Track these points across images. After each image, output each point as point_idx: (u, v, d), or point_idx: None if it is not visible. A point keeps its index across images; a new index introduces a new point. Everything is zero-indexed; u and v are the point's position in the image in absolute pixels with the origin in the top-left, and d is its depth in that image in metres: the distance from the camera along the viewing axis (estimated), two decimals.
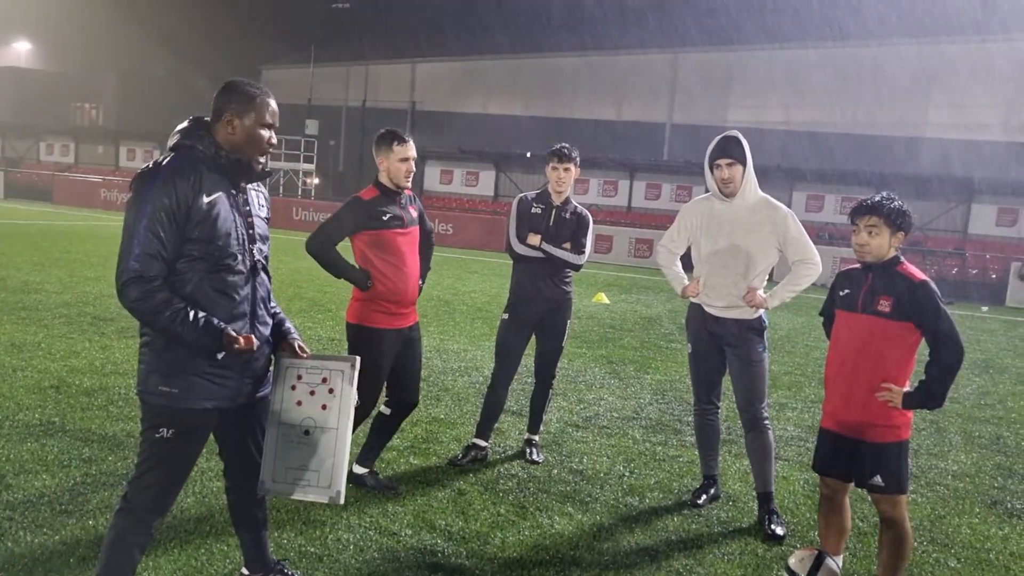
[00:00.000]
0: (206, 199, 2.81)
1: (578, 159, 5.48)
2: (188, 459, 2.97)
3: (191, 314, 2.74)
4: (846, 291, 3.78)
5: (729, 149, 4.64)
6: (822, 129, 34.60)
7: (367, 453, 4.88)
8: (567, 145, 5.48)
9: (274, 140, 2.99)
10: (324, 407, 3.06)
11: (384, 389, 4.81)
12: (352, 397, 3.05)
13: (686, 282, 4.93)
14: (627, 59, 40.51)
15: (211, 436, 3.08)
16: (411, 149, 4.61)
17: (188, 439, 2.91)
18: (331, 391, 3.06)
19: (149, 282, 2.71)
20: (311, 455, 3.06)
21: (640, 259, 26.27)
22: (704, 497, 5.00)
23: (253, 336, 2.87)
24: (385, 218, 4.55)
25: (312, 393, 3.07)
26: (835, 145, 32.66)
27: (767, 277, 4.77)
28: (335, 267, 4.59)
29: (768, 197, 4.76)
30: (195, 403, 2.86)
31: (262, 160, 2.97)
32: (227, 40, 52.60)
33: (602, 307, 14.45)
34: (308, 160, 38.53)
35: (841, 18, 33.36)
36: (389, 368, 4.70)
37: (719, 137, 4.72)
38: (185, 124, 2.94)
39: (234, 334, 2.81)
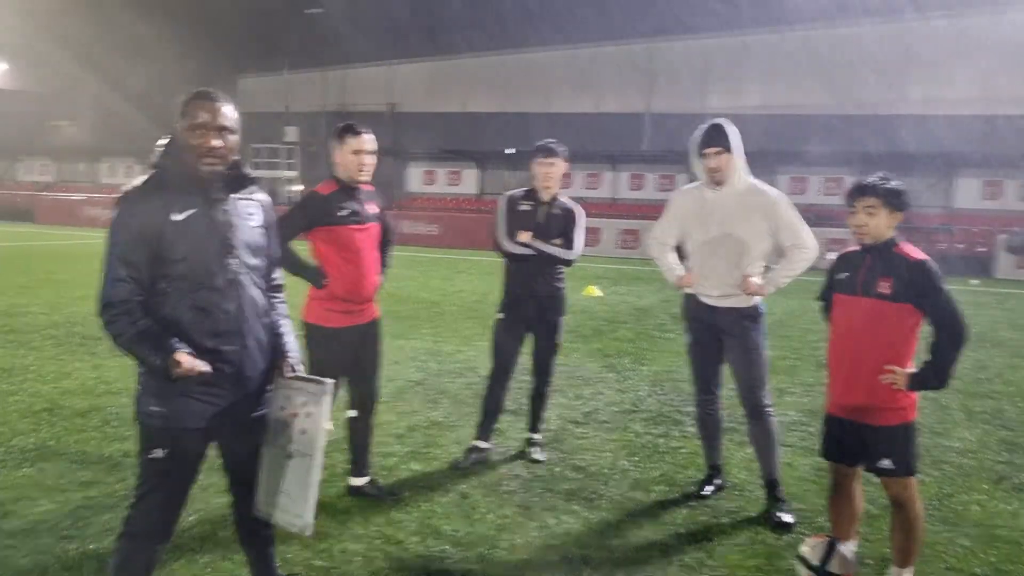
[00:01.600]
0: (178, 217, 2.76)
1: (566, 153, 5.42)
2: (184, 480, 2.91)
3: (147, 335, 2.73)
4: (844, 274, 3.74)
5: (715, 137, 4.59)
6: (802, 111, 34.61)
7: (357, 462, 4.79)
8: (553, 140, 5.42)
9: (214, 142, 2.80)
10: (303, 431, 2.96)
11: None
12: (324, 423, 2.92)
13: (680, 273, 4.89)
14: (603, 51, 40.46)
15: (215, 452, 3.03)
16: (365, 142, 4.43)
17: (182, 460, 2.86)
18: (308, 415, 2.96)
19: (115, 307, 2.72)
20: (290, 479, 2.98)
21: (628, 250, 26.29)
22: (710, 488, 4.98)
23: (196, 362, 2.74)
24: (342, 213, 4.43)
25: (295, 415, 2.98)
26: (816, 126, 32.67)
27: (764, 263, 4.73)
28: (289, 263, 4.38)
29: (758, 183, 4.71)
30: (186, 423, 2.82)
31: (207, 167, 2.82)
32: (202, 52, 52.24)
33: (594, 300, 14.43)
34: (290, 167, 38.37)
35: (815, 1, 33.41)
36: (349, 367, 4.60)
37: (705, 126, 4.66)
38: (163, 140, 2.88)
39: (178, 358, 2.70)
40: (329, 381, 2.94)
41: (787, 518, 4.55)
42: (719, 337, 4.79)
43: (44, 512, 4.37)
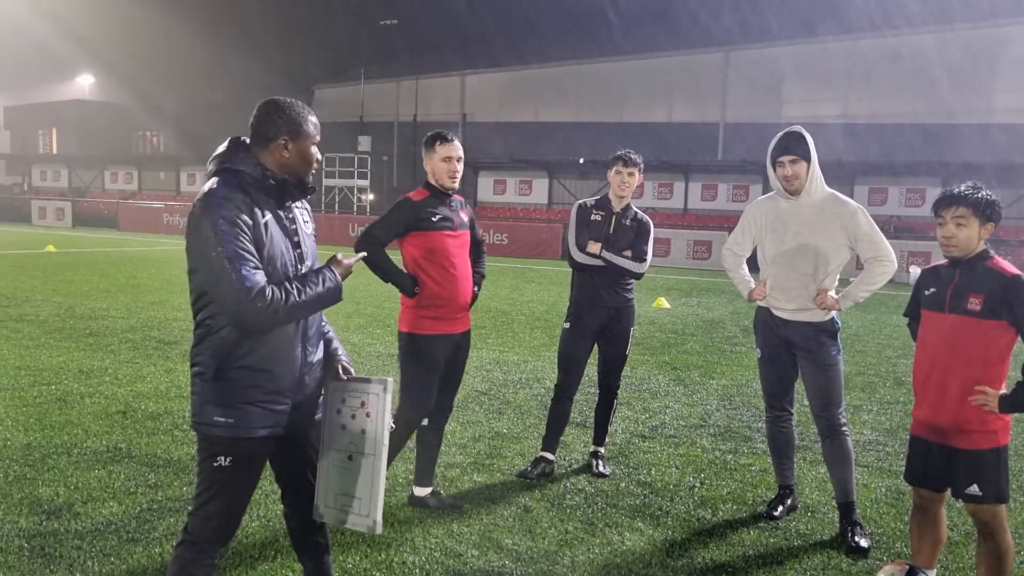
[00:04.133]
0: (262, 219, 2.77)
1: (642, 165, 5.35)
2: (246, 487, 2.90)
3: (300, 278, 2.81)
4: (932, 290, 3.55)
5: (792, 146, 4.44)
6: (882, 120, 33.75)
7: (422, 472, 4.75)
8: (632, 150, 5.37)
9: (320, 155, 2.96)
10: (363, 432, 2.94)
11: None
12: (386, 422, 2.89)
13: (752, 285, 4.74)
14: (676, 60, 40.11)
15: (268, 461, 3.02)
16: (454, 149, 4.49)
17: (246, 467, 2.85)
18: (368, 415, 2.94)
19: (266, 288, 2.66)
20: (354, 481, 2.95)
21: (699, 261, 25.89)
22: (781, 508, 4.79)
23: (344, 258, 2.93)
24: (435, 219, 4.44)
25: (353, 417, 2.96)
26: (897, 136, 31.83)
27: (838, 276, 4.56)
28: (382, 270, 4.45)
29: (836, 193, 4.55)
30: (252, 431, 2.81)
31: (311, 178, 2.95)
32: (279, 62, 53.56)
33: (663, 312, 14.21)
34: (362, 176, 38.95)
35: (896, 6, 32.54)
36: (440, 375, 4.58)
37: (781, 133, 4.52)
38: (224, 147, 2.87)
39: (339, 258, 2.92)
40: (389, 379, 2.93)
41: (863, 542, 4.34)
42: (792, 352, 4.62)
43: (111, 514, 4.43)
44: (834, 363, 4.53)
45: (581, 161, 33.50)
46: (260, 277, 2.66)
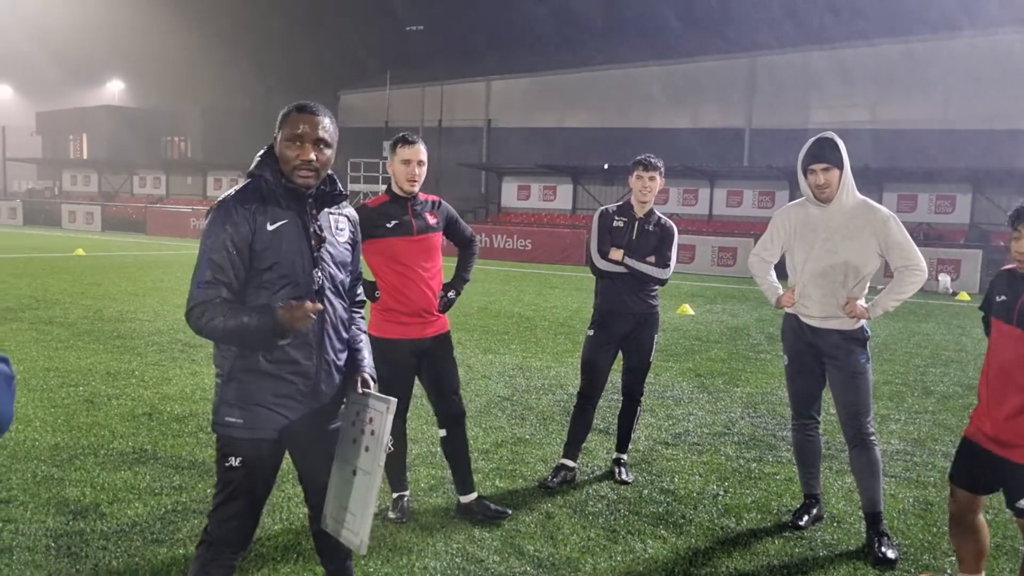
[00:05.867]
0: (270, 227, 2.78)
1: (663, 169, 5.32)
2: (258, 489, 2.92)
3: (242, 307, 2.74)
4: (1002, 298, 3.49)
5: (824, 153, 4.38)
6: (911, 126, 33.38)
7: (459, 481, 4.71)
8: (652, 155, 5.33)
9: (308, 155, 2.80)
10: (367, 449, 2.91)
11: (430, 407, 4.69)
12: (385, 441, 2.85)
13: (780, 292, 4.69)
14: (702, 66, 39.93)
15: (291, 463, 3.03)
16: (415, 152, 4.39)
17: (256, 469, 2.87)
18: (372, 433, 2.90)
19: (203, 305, 2.73)
20: (353, 497, 2.93)
21: (724, 268, 25.72)
22: (806, 517, 4.74)
23: (306, 303, 2.69)
24: (389, 225, 4.39)
25: (362, 432, 2.94)
26: (926, 142, 31.45)
27: (868, 284, 4.51)
28: None
29: (867, 200, 4.49)
30: (260, 433, 2.83)
31: (301, 179, 2.82)
32: (305, 68, 54.00)
33: (687, 318, 14.14)
34: (387, 181, 39.05)
35: (923, 11, 32.21)
36: (410, 381, 4.55)
37: (812, 140, 4.46)
38: (261, 151, 2.91)
39: (291, 302, 2.69)
40: (392, 400, 2.88)
41: (890, 553, 4.28)
42: (820, 359, 4.57)
43: (136, 515, 4.47)
44: (863, 371, 4.47)
45: (606, 167, 33.40)
46: (205, 293, 2.73)
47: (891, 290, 4.42)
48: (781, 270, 4.71)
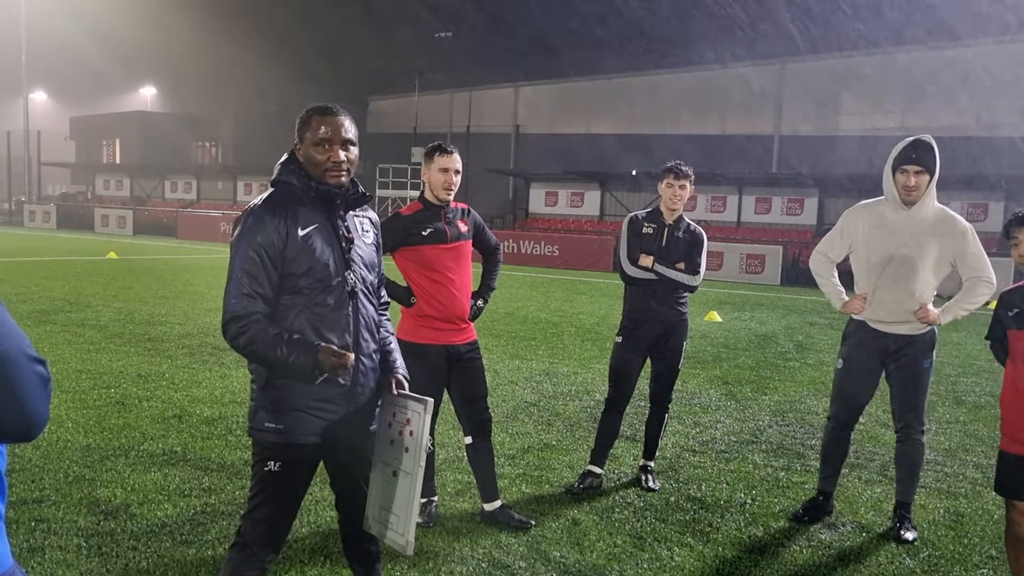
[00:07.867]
0: (301, 232, 2.80)
1: (693, 177, 5.30)
2: (295, 492, 2.94)
3: (284, 336, 2.73)
4: (1016, 310, 3.52)
5: (920, 156, 4.39)
6: (942, 133, 32.93)
7: (483, 488, 4.72)
8: (682, 162, 5.32)
9: (338, 156, 2.83)
10: (407, 450, 2.92)
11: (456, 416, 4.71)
12: (424, 442, 2.87)
13: (845, 296, 4.71)
14: (731, 73, 39.74)
15: (323, 467, 3.05)
16: (453, 161, 4.44)
17: (295, 473, 2.89)
18: (411, 433, 2.92)
19: (243, 319, 2.74)
20: (395, 498, 2.95)
21: (752, 275, 25.54)
22: (812, 512, 4.84)
23: (349, 354, 2.77)
24: (424, 233, 4.42)
25: (400, 433, 2.94)
26: (957, 149, 31.08)
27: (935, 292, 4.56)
28: None
29: (946, 209, 4.52)
30: (301, 438, 2.85)
31: (333, 180, 2.85)
32: (335, 74, 54.39)
33: (715, 326, 14.06)
34: (415, 187, 39.30)
35: (953, 18, 31.85)
36: (442, 385, 4.56)
37: (907, 141, 4.48)
38: (283, 158, 2.93)
39: (333, 347, 2.75)
40: (429, 400, 2.90)
41: (908, 535, 4.52)
42: (880, 365, 4.62)
43: (166, 516, 4.52)
44: (926, 374, 4.61)
45: (634, 173, 33.34)
46: (243, 305, 2.73)
47: (962, 299, 4.49)
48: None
